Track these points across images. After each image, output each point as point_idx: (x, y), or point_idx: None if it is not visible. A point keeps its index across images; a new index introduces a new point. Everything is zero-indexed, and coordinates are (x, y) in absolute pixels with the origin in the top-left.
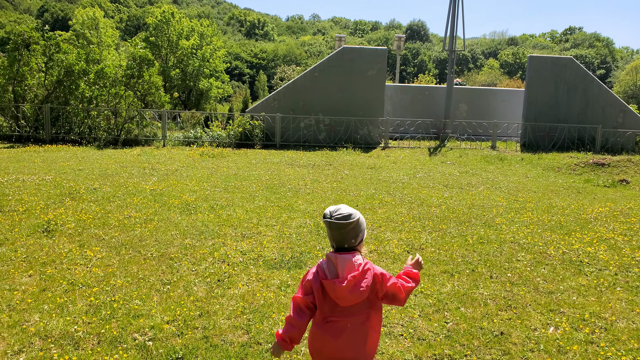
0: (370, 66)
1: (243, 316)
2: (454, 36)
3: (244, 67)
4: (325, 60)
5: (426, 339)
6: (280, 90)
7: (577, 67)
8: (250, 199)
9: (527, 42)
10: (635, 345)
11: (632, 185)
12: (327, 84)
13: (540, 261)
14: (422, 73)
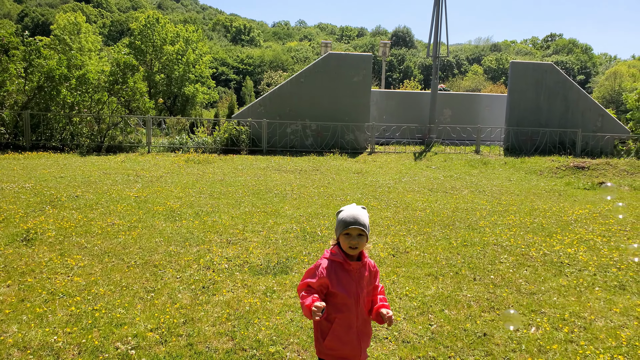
0: (356, 72)
1: (228, 323)
2: (438, 42)
3: (230, 72)
4: (311, 66)
5: (410, 342)
6: (266, 95)
7: (557, 72)
8: (236, 204)
9: (510, 49)
10: (613, 343)
11: None
12: (313, 90)
13: (522, 263)
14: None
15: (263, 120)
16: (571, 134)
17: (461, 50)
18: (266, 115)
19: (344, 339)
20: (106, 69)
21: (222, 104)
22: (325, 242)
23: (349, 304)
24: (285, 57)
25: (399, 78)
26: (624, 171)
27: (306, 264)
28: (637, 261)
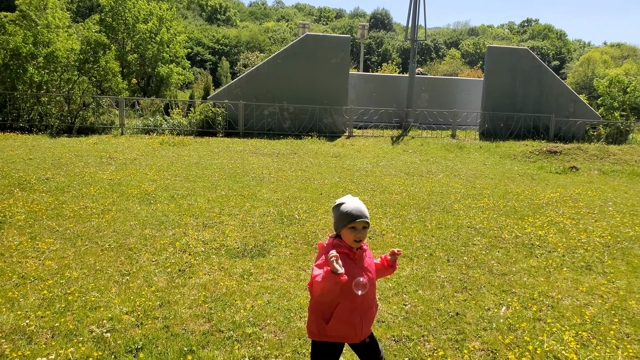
0: (334, 54)
1: (205, 305)
2: (416, 26)
3: (205, 53)
4: (289, 48)
5: (385, 321)
6: (242, 77)
7: (532, 58)
8: (213, 188)
9: (487, 33)
10: (578, 320)
11: (581, 172)
12: (290, 72)
13: (494, 245)
14: (386, 62)
15: (240, 102)
16: (545, 119)
17: (439, 34)
18: (243, 97)
19: (347, 321)
20: (76, 47)
21: (198, 85)
22: (303, 225)
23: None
24: (262, 37)
25: (377, 61)
26: (594, 156)
27: (283, 247)
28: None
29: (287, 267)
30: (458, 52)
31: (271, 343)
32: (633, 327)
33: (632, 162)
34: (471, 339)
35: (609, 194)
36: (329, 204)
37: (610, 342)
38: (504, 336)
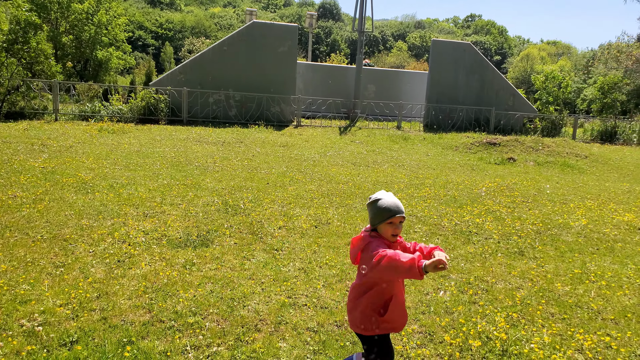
0: (282, 42)
1: (145, 295)
2: (364, 17)
3: (148, 37)
4: (235, 34)
5: (328, 307)
6: (187, 63)
7: (475, 52)
8: (154, 177)
9: (434, 27)
10: (510, 302)
11: (518, 163)
12: (237, 59)
13: (434, 232)
14: (334, 52)
15: (183, 89)
16: (486, 112)
17: (387, 26)
18: (187, 84)
19: (401, 311)
20: (4, 27)
21: (139, 71)
22: (248, 214)
23: (397, 285)
24: (208, 23)
25: (326, 51)
26: (530, 148)
27: (228, 237)
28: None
29: (231, 256)
30: (405, 45)
31: (214, 332)
32: (558, 307)
33: (564, 154)
34: (410, 322)
35: (543, 183)
36: (275, 194)
37: (537, 322)
38: (441, 319)
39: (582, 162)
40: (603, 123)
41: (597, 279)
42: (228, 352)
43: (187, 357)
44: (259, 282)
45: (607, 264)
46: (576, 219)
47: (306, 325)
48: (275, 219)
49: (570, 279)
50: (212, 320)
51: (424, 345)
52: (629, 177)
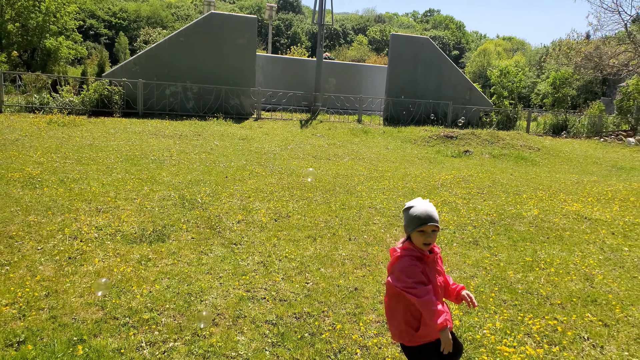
0: (240, 34)
1: None
2: (323, 10)
3: (100, 26)
4: (192, 25)
5: (287, 300)
6: (142, 54)
7: (433, 47)
8: (108, 171)
9: (393, 21)
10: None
11: (474, 155)
12: (194, 50)
13: (392, 223)
14: (295, 45)
15: (139, 81)
16: (444, 106)
17: (348, 20)
18: (142, 76)
19: (432, 325)
20: None
21: (92, 61)
22: (206, 209)
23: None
24: (164, 13)
25: (286, 44)
26: (486, 141)
27: (185, 232)
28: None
29: (188, 251)
30: (365, 39)
31: (170, 327)
32: (510, 294)
33: (518, 147)
34: (368, 312)
35: (497, 175)
36: (234, 187)
37: (490, 309)
38: None
39: (535, 154)
40: (555, 117)
41: (546, 266)
42: (185, 347)
43: (143, 353)
44: (217, 276)
45: (556, 251)
46: (528, 209)
47: (265, 318)
48: (234, 213)
49: (521, 266)
50: (168, 316)
51: (381, 334)
52: (578, 169)
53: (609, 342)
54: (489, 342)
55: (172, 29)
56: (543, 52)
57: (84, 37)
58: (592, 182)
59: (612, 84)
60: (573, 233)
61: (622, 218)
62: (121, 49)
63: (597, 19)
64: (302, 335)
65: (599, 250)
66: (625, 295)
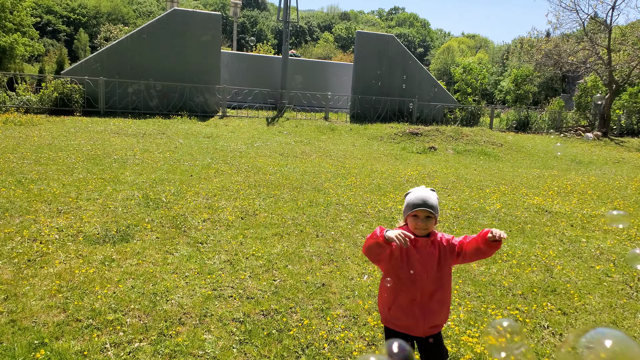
0: (205, 31)
1: (59, 295)
2: (288, 7)
3: (58, 23)
4: (155, 22)
5: (255, 297)
6: (103, 51)
7: (397, 44)
8: (68, 171)
9: (359, 18)
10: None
11: (438, 152)
12: (157, 48)
13: (359, 219)
14: (261, 42)
15: (100, 79)
16: (409, 103)
17: (313, 17)
18: (103, 73)
19: (406, 311)
20: None
21: (50, 59)
22: (171, 208)
23: (413, 278)
24: (126, 9)
25: (252, 41)
26: (450, 137)
27: (149, 231)
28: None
29: (153, 251)
30: (332, 36)
31: (135, 328)
32: (473, 287)
33: (482, 143)
34: (335, 307)
35: (461, 171)
36: (199, 186)
37: (454, 301)
38: (364, 302)
39: (498, 150)
40: (517, 113)
41: (509, 258)
42: (151, 347)
43: (107, 355)
44: (183, 275)
45: (518, 244)
46: (491, 203)
47: (232, 316)
48: (200, 211)
49: (485, 259)
50: (133, 316)
51: (348, 328)
52: (539, 163)
53: (567, 330)
54: (453, 333)
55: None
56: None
57: (41, 34)
58: (552, 176)
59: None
60: (534, 226)
61: (581, 210)
62: (81, 46)
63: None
64: (269, 332)
65: (559, 242)
66: (583, 285)
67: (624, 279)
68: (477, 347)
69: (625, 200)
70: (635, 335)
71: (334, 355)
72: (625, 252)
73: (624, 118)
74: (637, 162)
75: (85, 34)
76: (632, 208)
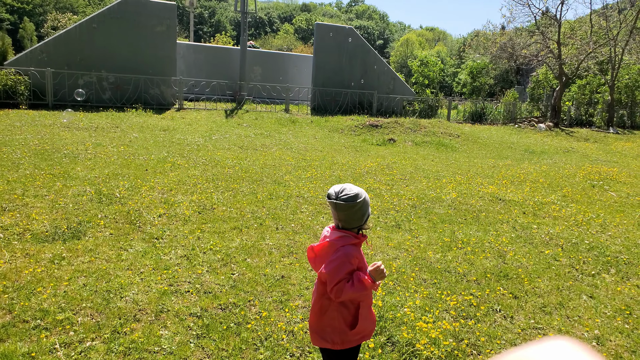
0: (159, 21)
1: (4, 296)
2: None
3: (1, 11)
4: (105, 11)
5: (212, 292)
6: (49, 41)
7: (357, 37)
8: (14, 167)
9: (319, 10)
10: (387, 272)
11: (397, 143)
12: (109, 38)
13: (319, 211)
14: (219, 33)
15: (47, 70)
16: (369, 95)
17: (273, 8)
18: (51, 64)
19: (370, 317)
20: None
21: None
22: (125, 203)
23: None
24: None
25: (210, 32)
26: (409, 129)
27: (102, 228)
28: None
29: (106, 248)
30: (292, 28)
31: (87, 326)
32: (429, 274)
33: (439, 134)
34: (294, 298)
35: (419, 162)
36: (154, 181)
37: (410, 288)
38: None
39: (455, 141)
40: (473, 105)
41: (463, 245)
42: (104, 346)
43: (56, 355)
44: (138, 272)
45: (473, 231)
46: (447, 192)
47: (189, 311)
48: (155, 206)
49: (440, 247)
50: (85, 315)
51: (306, 319)
52: (494, 154)
53: (518, 313)
54: (409, 319)
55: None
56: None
57: None
58: (506, 165)
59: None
60: (488, 214)
61: (532, 198)
62: (27, 36)
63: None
64: (227, 326)
65: (511, 229)
66: (533, 269)
67: (570, 262)
68: (432, 333)
69: (574, 188)
70: (580, 315)
71: (293, 345)
72: (573, 237)
73: (574, 109)
74: (585, 151)
75: (31, 23)
76: (579, 195)
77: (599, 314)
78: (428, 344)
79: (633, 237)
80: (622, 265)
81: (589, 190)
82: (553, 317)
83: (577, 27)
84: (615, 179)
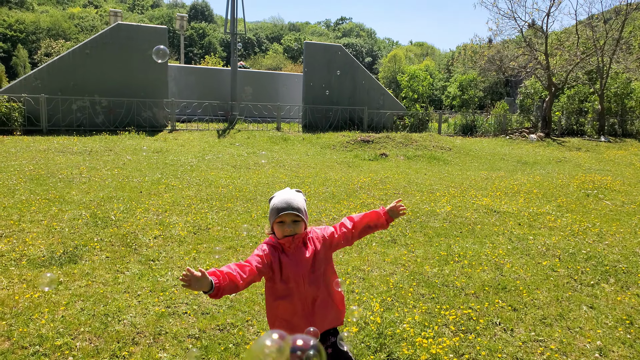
0: (150, 45)
1: (2, 322)
2: (235, 18)
3: None
4: (98, 37)
5: (210, 313)
6: (43, 68)
7: (345, 54)
8: (9, 193)
9: (307, 29)
10: (385, 288)
11: (389, 158)
12: (102, 63)
13: None
14: (209, 54)
15: (41, 96)
16: (359, 111)
17: (261, 29)
18: (45, 90)
19: (292, 324)
20: None
21: None
22: (120, 226)
23: (290, 288)
24: (67, 24)
25: (200, 53)
26: (400, 143)
27: (98, 251)
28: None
29: (103, 271)
30: (281, 47)
31: (86, 351)
32: (427, 288)
33: (431, 148)
34: None
35: (412, 176)
36: (149, 202)
37: (409, 303)
38: None
39: (447, 154)
40: (464, 117)
41: (460, 259)
42: None
43: None
44: (135, 294)
45: (469, 244)
46: (442, 206)
47: (187, 333)
48: (150, 228)
49: (437, 261)
50: (83, 340)
51: None
52: (487, 165)
53: (518, 325)
54: (408, 335)
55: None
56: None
57: None
58: (499, 177)
59: (514, 85)
60: (484, 226)
61: (527, 209)
62: (20, 63)
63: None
64: (226, 347)
65: (507, 241)
66: (531, 281)
67: (568, 272)
68: (432, 348)
69: (568, 198)
70: (581, 326)
71: None
72: (570, 247)
73: (564, 119)
74: (577, 160)
75: (25, 50)
76: (574, 205)
77: (600, 324)
78: (429, 359)
79: (630, 245)
80: (621, 274)
81: (584, 199)
82: (554, 328)
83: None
84: (610, 187)
